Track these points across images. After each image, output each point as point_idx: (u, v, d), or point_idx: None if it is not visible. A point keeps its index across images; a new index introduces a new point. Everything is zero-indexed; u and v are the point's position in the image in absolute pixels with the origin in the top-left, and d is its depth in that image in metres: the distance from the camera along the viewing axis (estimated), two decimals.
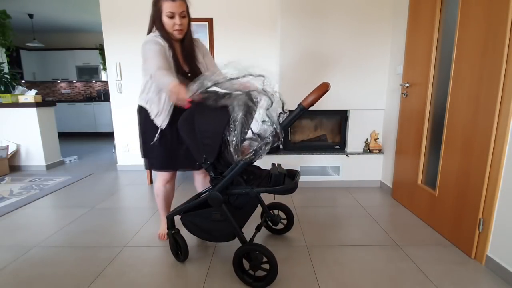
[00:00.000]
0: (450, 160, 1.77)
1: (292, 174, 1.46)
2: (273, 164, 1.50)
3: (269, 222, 1.89)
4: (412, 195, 2.23)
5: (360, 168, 2.83)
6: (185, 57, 1.57)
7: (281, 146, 2.95)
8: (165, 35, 1.48)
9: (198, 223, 1.46)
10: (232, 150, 1.25)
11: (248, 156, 1.27)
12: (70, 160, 4.09)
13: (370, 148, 2.81)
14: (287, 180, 1.40)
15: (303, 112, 1.23)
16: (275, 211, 1.90)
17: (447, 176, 1.80)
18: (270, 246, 1.75)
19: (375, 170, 2.83)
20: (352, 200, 2.49)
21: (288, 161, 2.80)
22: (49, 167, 3.63)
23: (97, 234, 1.91)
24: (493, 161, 1.45)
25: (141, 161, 3.48)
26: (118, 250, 1.71)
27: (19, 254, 1.68)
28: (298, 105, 1.22)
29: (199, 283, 1.40)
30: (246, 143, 1.35)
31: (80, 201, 2.52)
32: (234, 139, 1.24)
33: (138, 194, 2.70)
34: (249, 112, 1.29)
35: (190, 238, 1.83)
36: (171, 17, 1.44)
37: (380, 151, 2.79)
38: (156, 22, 1.48)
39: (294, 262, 1.58)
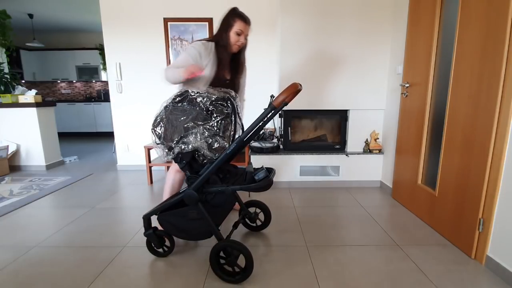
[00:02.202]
0: (450, 160, 1.77)
1: (269, 172, 1.49)
2: (249, 163, 1.54)
3: (246, 220, 1.94)
4: (412, 195, 2.23)
5: (360, 168, 2.83)
6: (232, 68, 1.84)
7: (281, 146, 2.95)
8: (223, 44, 1.74)
9: (175, 222, 1.49)
10: (206, 151, 1.35)
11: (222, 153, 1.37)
12: (70, 160, 4.09)
13: (370, 148, 2.81)
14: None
15: (274, 111, 1.30)
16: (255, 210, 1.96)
17: (447, 176, 1.80)
18: (270, 246, 1.75)
19: (375, 170, 2.83)
20: (352, 200, 2.49)
21: (288, 161, 2.80)
22: (49, 167, 3.63)
23: (97, 234, 1.91)
24: (493, 161, 1.45)
25: (141, 161, 3.50)
26: (118, 250, 1.71)
27: (19, 254, 1.68)
28: (269, 105, 1.30)
29: (199, 283, 1.40)
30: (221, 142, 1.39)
31: (80, 201, 2.52)
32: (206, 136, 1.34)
33: (138, 194, 2.70)
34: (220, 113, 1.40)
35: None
36: (239, 34, 1.71)
37: (380, 151, 2.79)
38: (222, 32, 1.74)
39: (294, 262, 1.58)
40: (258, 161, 2.76)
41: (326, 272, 1.48)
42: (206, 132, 1.33)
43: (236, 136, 1.49)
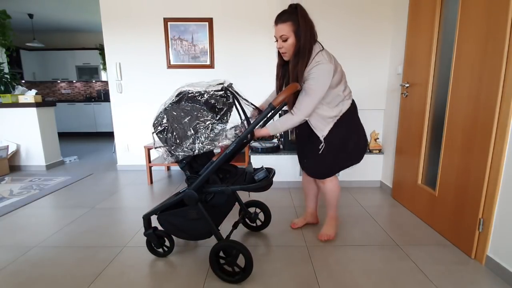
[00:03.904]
0: (450, 160, 1.77)
1: (269, 172, 1.50)
2: (249, 163, 1.53)
3: (246, 220, 1.93)
4: (412, 195, 2.23)
5: (360, 168, 2.82)
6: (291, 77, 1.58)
7: (281, 146, 2.95)
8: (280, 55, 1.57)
9: (175, 222, 1.48)
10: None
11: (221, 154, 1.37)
12: (70, 160, 4.09)
13: (370, 148, 2.81)
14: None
15: (274, 110, 1.33)
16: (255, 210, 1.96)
17: (447, 176, 1.80)
18: (270, 246, 1.75)
19: (375, 170, 2.83)
20: (352, 200, 2.49)
21: (288, 161, 2.80)
22: (49, 167, 3.63)
23: (97, 234, 1.91)
24: (493, 161, 1.45)
25: (141, 161, 3.50)
26: (118, 250, 1.71)
27: (19, 254, 1.68)
28: (269, 105, 1.31)
29: (199, 283, 1.40)
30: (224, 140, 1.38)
31: (80, 201, 2.52)
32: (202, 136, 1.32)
33: (138, 194, 2.70)
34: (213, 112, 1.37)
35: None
36: (276, 41, 1.49)
37: (380, 151, 2.79)
38: None
39: (294, 262, 1.58)
40: (258, 161, 2.76)
41: (326, 272, 1.48)
42: (214, 128, 1.31)
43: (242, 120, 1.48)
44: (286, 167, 2.81)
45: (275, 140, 2.95)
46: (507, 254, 1.40)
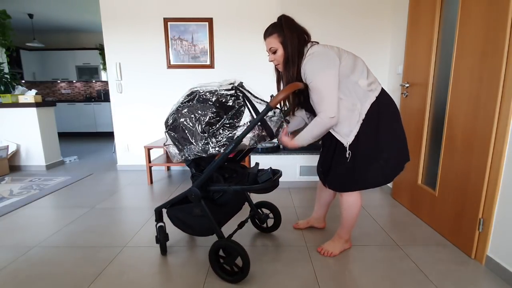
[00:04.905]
0: (450, 160, 1.77)
1: (274, 174, 1.49)
2: (256, 163, 1.53)
3: (256, 220, 1.92)
4: (412, 195, 2.23)
5: None
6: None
7: (281, 146, 2.95)
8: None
9: (181, 217, 1.50)
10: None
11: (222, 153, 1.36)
12: (70, 160, 4.09)
13: None
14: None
15: (270, 110, 1.32)
16: (265, 211, 1.96)
17: (447, 176, 1.80)
18: (270, 246, 1.75)
19: None
20: None
21: (288, 161, 2.80)
22: (49, 167, 3.63)
23: (97, 234, 1.91)
24: (493, 161, 1.45)
25: (141, 161, 3.50)
26: (118, 250, 1.71)
27: (19, 254, 1.68)
28: (266, 105, 1.29)
29: (199, 283, 1.40)
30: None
31: (80, 201, 2.52)
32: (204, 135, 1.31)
33: (138, 194, 2.70)
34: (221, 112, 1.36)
35: (189, 236, 1.83)
36: (269, 53, 1.49)
37: None
38: None
39: (294, 262, 1.58)
40: (258, 161, 2.76)
41: (326, 272, 1.48)
42: (227, 129, 1.31)
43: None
44: (286, 167, 2.81)
45: (275, 140, 2.95)
46: (507, 254, 1.40)
